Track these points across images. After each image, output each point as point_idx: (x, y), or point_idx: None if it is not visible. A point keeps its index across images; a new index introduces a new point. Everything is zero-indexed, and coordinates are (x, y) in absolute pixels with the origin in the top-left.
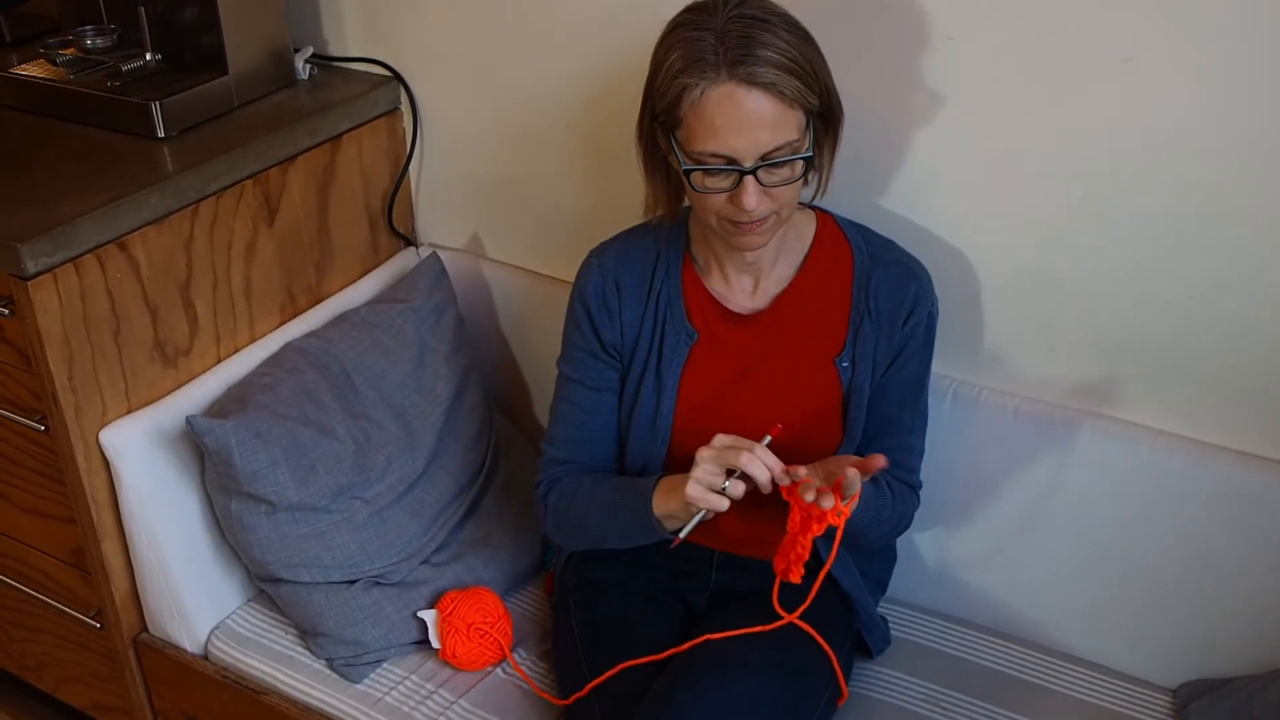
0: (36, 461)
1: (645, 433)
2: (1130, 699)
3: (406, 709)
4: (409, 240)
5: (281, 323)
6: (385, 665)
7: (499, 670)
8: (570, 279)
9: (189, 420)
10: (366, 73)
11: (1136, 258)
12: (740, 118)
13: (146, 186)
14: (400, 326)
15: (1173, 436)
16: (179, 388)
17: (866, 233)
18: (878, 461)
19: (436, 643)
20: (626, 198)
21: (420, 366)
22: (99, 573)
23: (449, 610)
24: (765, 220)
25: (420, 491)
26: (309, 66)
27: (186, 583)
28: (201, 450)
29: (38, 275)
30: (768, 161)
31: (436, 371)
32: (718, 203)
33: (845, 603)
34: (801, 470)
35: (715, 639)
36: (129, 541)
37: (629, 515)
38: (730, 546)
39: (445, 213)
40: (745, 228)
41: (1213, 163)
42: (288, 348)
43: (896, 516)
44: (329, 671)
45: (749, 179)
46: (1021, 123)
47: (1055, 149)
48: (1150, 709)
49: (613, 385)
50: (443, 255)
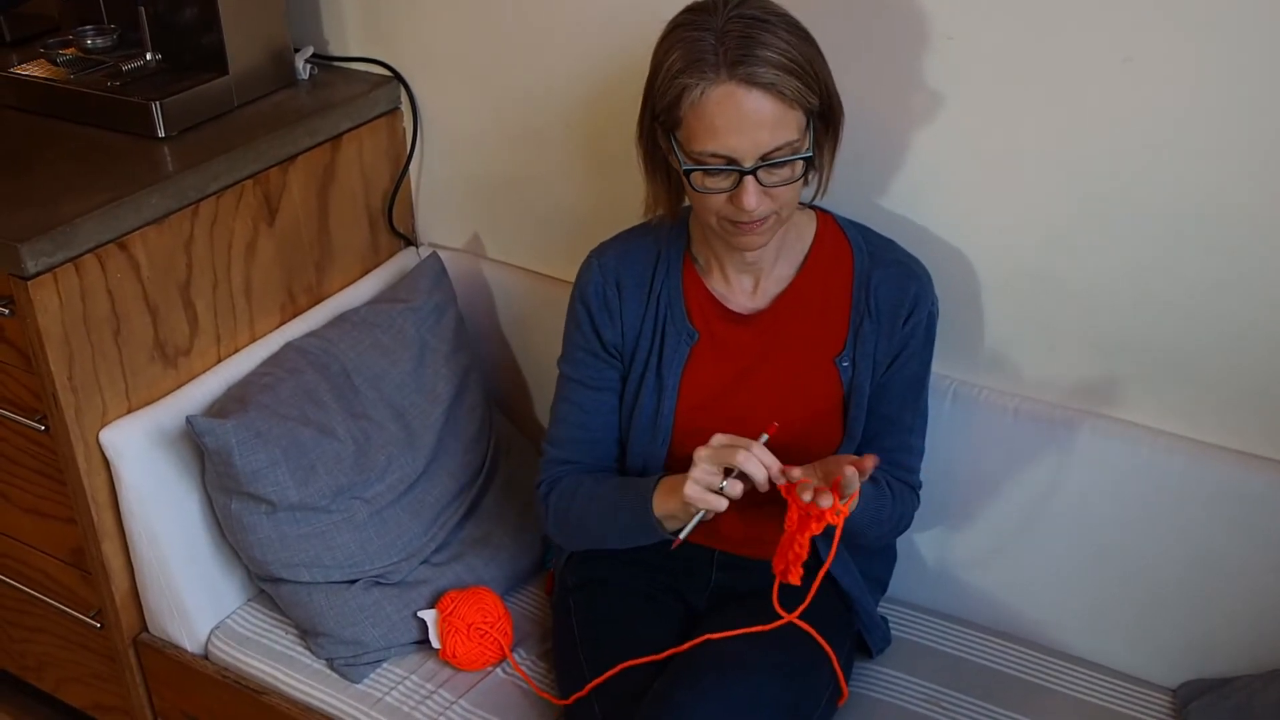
0: (36, 461)
1: (646, 433)
2: (1130, 699)
3: (406, 709)
4: (409, 240)
5: (281, 323)
6: (385, 665)
7: (499, 670)
8: (570, 279)
9: (189, 420)
10: (366, 73)
11: (1136, 258)
12: (740, 118)
13: (146, 186)
14: (400, 326)
15: (1173, 436)
16: (179, 388)
17: (867, 232)
18: (869, 461)
19: (436, 643)
20: (626, 198)
21: (420, 366)
22: (99, 573)
23: (449, 610)
24: (765, 220)
25: (420, 491)
26: (309, 66)
27: (186, 583)
28: (201, 450)
29: (38, 275)
30: (768, 162)
31: (436, 371)
32: (718, 203)
33: (845, 602)
34: (796, 471)
35: (715, 639)
36: (129, 541)
37: (629, 515)
38: (730, 546)
39: (445, 213)
40: (745, 228)
41: (1213, 163)
42: (288, 347)
43: (897, 516)
44: (329, 671)
45: (749, 179)
46: (1021, 123)
47: (1055, 149)
48: (1150, 709)
49: (613, 385)
50: (443, 255)
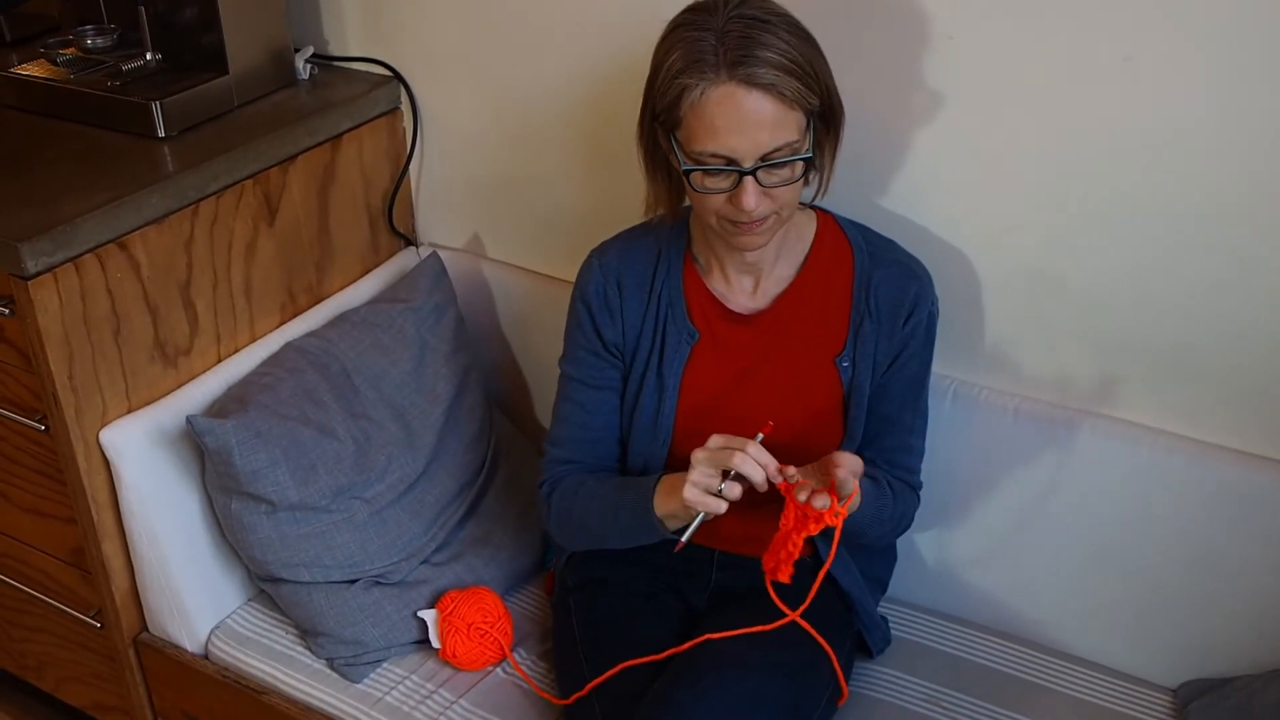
0: (36, 461)
1: (646, 433)
2: (1130, 699)
3: (406, 709)
4: (409, 240)
5: (281, 322)
6: (385, 665)
7: (499, 670)
8: (571, 279)
9: (189, 420)
10: (367, 72)
11: (1136, 258)
12: (740, 118)
13: (147, 186)
14: (400, 326)
15: (1173, 436)
16: (179, 387)
17: (867, 233)
18: (859, 463)
19: (436, 642)
20: (627, 197)
21: (420, 366)
22: (99, 572)
23: (449, 610)
24: (765, 220)
25: (420, 491)
26: (309, 66)
27: (186, 582)
28: (202, 450)
29: (38, 275)
30: (767, 162)
31: (437, 371)
32: (717, 203)
33: (845, 602)
34: (792, 469)
35: (715, 639)
36: (129, 541)
37: (630, 515)
38: (731, 546)
39: (445, 212)
40: (745, 228)
41: (1213, 163)
42: (288, 347)
43: (897, 516)
44: (329, 671)
45: (748, 179)
46: (1021, 123)
47: (1055, 149)
48: (1150, 709)
49: (615, 384)
50: (443, 255)
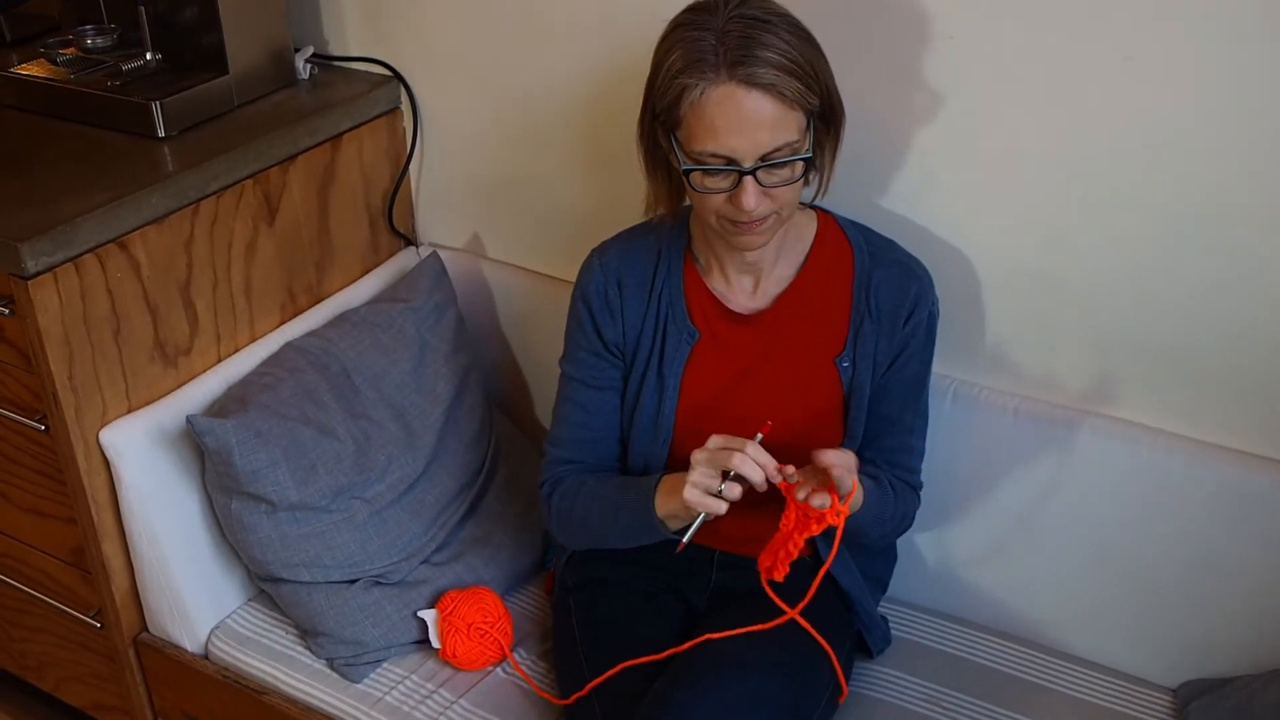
0: (36, 461)
1: (647, 433)
2: (1130, 699)
3: (406, 709)
4: (409, 240)
5: (281, 322)
6: (385, 665)
7: (499, 670)
8: (571, 279)
9: (189, 420)
10: (367, 72)
11: (1136, 258)
12: (740, 118)
13: (147, 186)
14: (400, 326)
15: (1173, 436)
16: (179, 387)
17: (867, 233)
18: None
19: (436, 642)
20: (627, 197)
21: (420, 366)
22: (99, 572)
23: (449, 610)
24: (765, 220)
25: (420, 491)
26: (309, 66)
27: (186, 582)
28: (202, 450)
29: (38, 275)
30: (767, 162)
31: (437, 371)
32: (717, 202)
33: (845, 602)
34: (791, 469)
35: (715, 639)
36: (129, 541)
37: (631, 515)
38: (731, 546)
39: (445, 212)
40: (745, 227)
41: (1213, 163)
42: (288, 347)
43: (898, 516)
44: (329, 671)
45: (748, 179)
46: (1021, 123)
47: (1055, 149)
48: (1150, 709)
49: (615, 384)
50: (443, 255)
